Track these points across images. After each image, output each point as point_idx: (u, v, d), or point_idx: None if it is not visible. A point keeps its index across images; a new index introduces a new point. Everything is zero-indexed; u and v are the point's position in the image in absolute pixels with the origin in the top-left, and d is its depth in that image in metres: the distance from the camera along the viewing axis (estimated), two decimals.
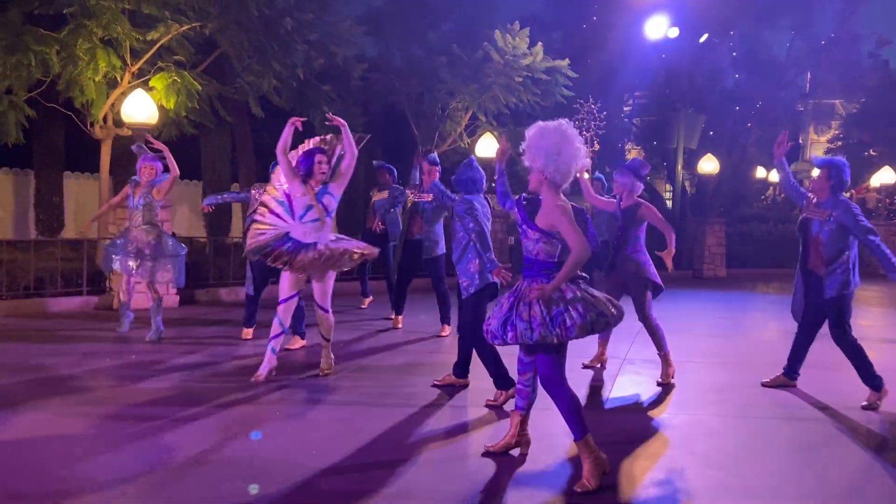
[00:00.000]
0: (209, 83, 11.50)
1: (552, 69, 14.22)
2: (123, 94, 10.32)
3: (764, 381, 5.98)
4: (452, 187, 5.69)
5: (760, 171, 26.36)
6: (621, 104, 22.88)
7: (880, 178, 19.33)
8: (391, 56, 15.96)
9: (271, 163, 6.72)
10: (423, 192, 7.57)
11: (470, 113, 14.89)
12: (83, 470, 3.88)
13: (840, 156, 5.76)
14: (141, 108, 9.57)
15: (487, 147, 13.80)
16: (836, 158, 5.67)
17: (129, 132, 10.22)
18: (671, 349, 6.11)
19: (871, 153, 24.99)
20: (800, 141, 35.98)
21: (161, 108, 10.43)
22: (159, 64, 10.82)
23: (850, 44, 23.93)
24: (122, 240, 7.48)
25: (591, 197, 6.39)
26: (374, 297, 10.12)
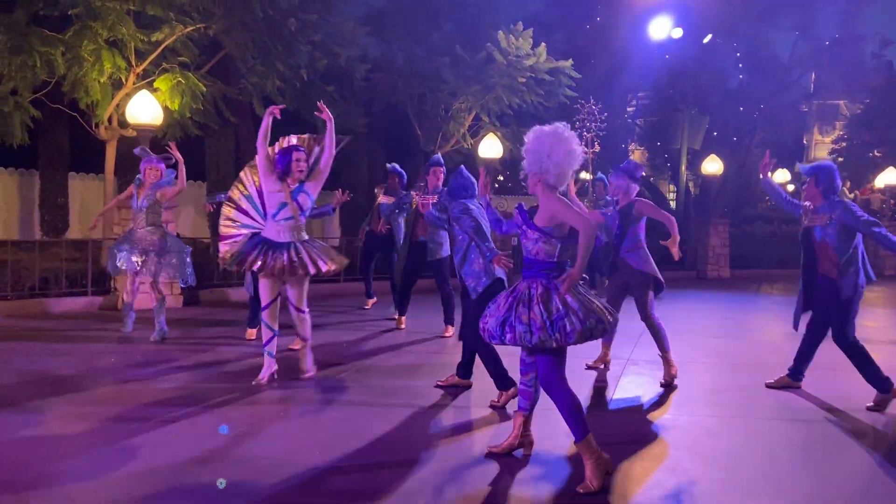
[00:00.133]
0: (213, 84, 11.54)
1: (555, 70, 14.23)
2: (128, 95, 10.37)
3: (768, 382, 5.97)
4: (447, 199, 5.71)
5: None
6: (625, 105, 22.87)
7: (885, 179, 19.26)
8: (394, 57, 15.98)
9: None
10: (428, 195, 7.59)
11: (473, 114, 14.89)
12: (85, 469, 3.89)
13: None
14: (145, 109, 9.60)
15: (490, 148, 13.80)
16: (821, 163, 5.69)
17: (134, 133, 10.26)
18: (674, 349, 6.11)
19: (876, 154, 24.94)
20: (804, 142, 35.96)
21: (165, 109, 10.47)
22: (164, 65, 10.86)
23: (854, 44, 23.94)
24: (126, 240, 7.51)
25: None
26: (378, 297, 10.15)
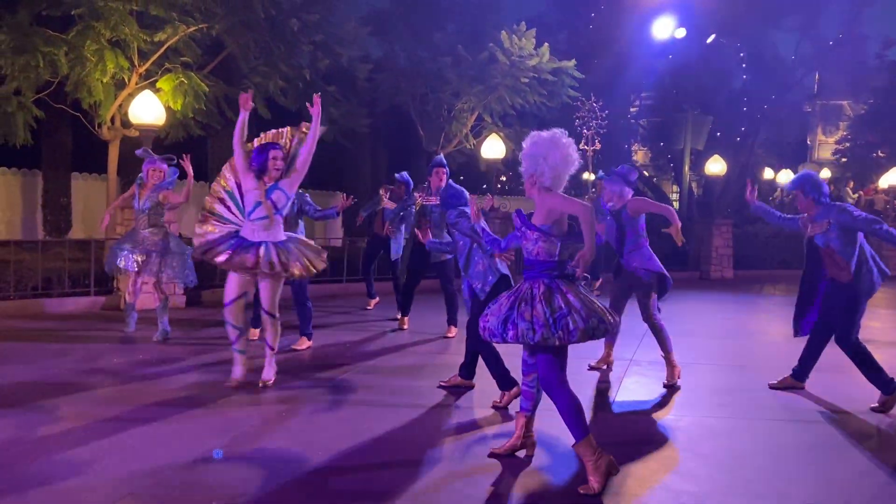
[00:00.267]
0: (216, 84, 11.54)
1: (558, 70, 14.21)
2: (131, 96, 10.38)
3: (771, 384, 5.95)
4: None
5: (768, 173, 26.28)
6: (628, 105, 22.86)
7: (888, 180, 19.22)
8: (396, 57, 15.96)
9: None
10: (431, 196, 7.58)
11: (476, 114, 14.87)
12: (87, 469, 3.88)
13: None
14: (148, 109, 9.61)
15: (493, 148, 13.78)
16: (802, 174, 5.78)
17: (137, 133, 10.27)
18: (677, 350, 6.10)
19: (880, 154, 24.91)
20: (808, 142, 35.89)
21: (168, 109, 10.48)
22: (166, 65, 10.87)
23: (858, 45, 23.89)
24: (128, 240, 7.51)
25: None
26: (381, 298, 10.14)
